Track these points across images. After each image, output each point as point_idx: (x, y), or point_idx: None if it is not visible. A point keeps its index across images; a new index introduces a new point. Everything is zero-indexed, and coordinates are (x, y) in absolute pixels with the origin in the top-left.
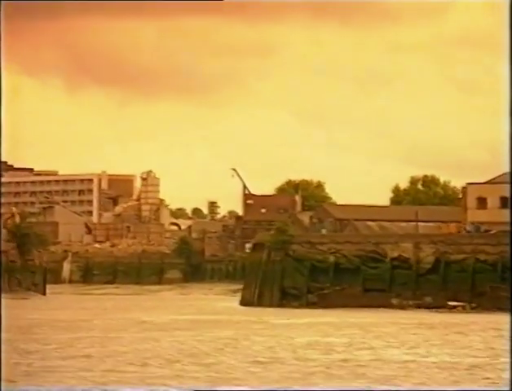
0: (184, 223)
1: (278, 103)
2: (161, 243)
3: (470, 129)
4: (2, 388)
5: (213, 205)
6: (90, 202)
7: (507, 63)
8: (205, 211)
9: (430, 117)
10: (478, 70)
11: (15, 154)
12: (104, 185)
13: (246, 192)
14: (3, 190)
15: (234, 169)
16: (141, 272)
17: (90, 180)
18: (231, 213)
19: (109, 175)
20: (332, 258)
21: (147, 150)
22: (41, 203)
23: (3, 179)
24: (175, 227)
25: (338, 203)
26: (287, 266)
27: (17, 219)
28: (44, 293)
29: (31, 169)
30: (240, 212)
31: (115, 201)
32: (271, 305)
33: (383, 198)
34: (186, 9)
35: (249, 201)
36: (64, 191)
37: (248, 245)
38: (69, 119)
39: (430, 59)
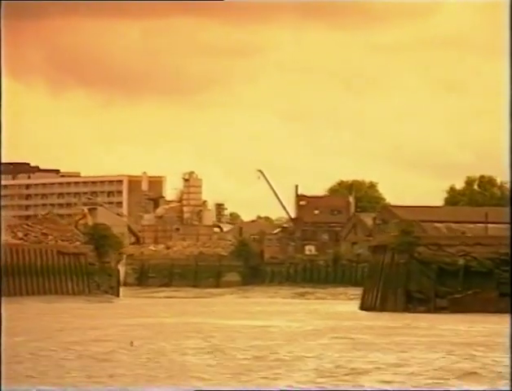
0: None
1: (263, 104)
2: (218, 245)
3: (455, 130)
4: (3, 388)
5: (220, 207)
6: (119, 203)
7: (507, 64)
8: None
9: (415, 118)
10: (463, 71)
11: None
12: (145, 186)
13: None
14: (30, 191)
15: (260, 171)
16: (198, 275)
17: (120, 181)
18: (265, 218)
19: (133, 177)
20: (461, 261)
21: (132, 152)
22: (84, 204)
23: (30, 181)
24: (217, 229)
25: (392, 204)
26: (412, 269)
27: (89, 220)
28: (118, 296)
29: (57, 171)
30: (282, 213)
31: (155, 203)
32: (395, 310)
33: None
34: (171, 9)
35: (301, 202)
36: (93, 193)
37: (308, 247)
38: (52, 121)
39: (416, 60)
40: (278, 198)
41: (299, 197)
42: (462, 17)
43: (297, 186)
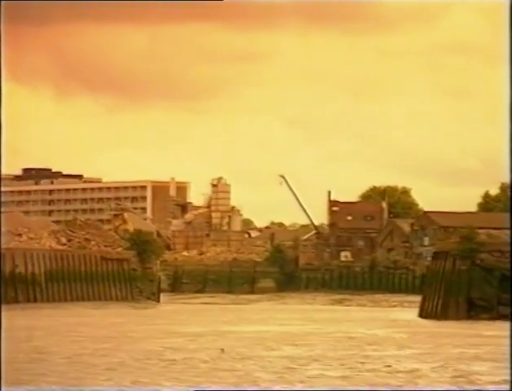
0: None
1: (269, 110)
2: (252, 250)
3: (462, 137)
4: (3, 388)
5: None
6: (143, 209)
7: (507, 64)
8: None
9: (422, 124)
10: (471, 77)
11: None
12: (173, 192)
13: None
14: (53, 197)
15: (282, 176)
16: (232, 281)
17: (144, 187)
18: (278, 224)
19: (157, 182)
20: None
21: (136, 157)
22: (111, 209)
23: (53, 186)
24: (246, 235)
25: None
26: (474, 276)
27: (129, 226)
28: (159, 302)
29: (80, 176)
30: (311, 220)
31: (184, 208)
32: (457, 318)
33: None
34: (178, 15)
35: (334, 208)
36: (116, 199)
37: (343, 253)
38: (58, 126)
39: (424, 66)
40: (300, 204)
41: (332, 203)
42: (472, 22)
43: (329, 192)
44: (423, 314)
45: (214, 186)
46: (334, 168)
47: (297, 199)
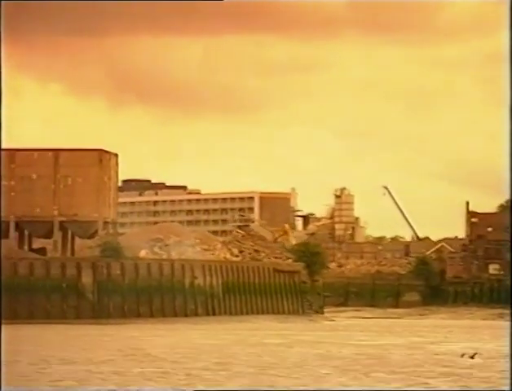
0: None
1: (321, 121)
2: (394, 263)
3: None
4: (3, 388)
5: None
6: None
7: (507, 64)
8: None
9: (476, 136)
10: None
11: None
12: (294, 203)
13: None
14: (158, 208)
15: (385, 187)
16: (375, 294)
17: (251, 198)
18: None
19: (265, 193)
20: None
21: (189, 168)
22: (235, 221)
23: (157, 197)
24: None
25: None
26: None
27: (291, 238)
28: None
29: (184, 187)
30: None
31: (305, 220)
32: None
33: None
34: (232, 26)
35: (473, 219)
36: (223, 210)
37: (492, 266)
38: (110, 137)
39: (479, 77)
40: (404, 215)
41: (470, 214)
42: None
43: (467, 203)
44: None
45: (337, 197)
46: (388, 179)
47: (400, 210)
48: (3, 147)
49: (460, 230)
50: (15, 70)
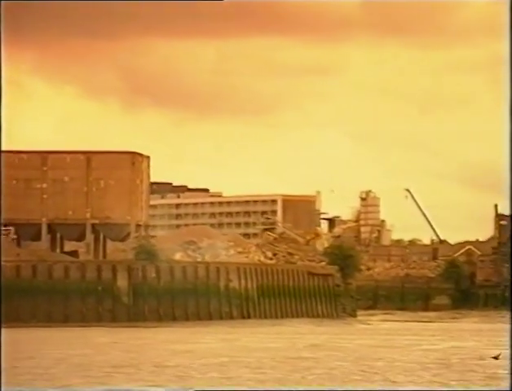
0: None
1: (335, 124)
2: (423, 266)
3: None
4: (3, 388)
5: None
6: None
7: (507, 63)
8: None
9: (487, 139)
10: None
11: None
12: (318, 205)
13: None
14: (180, 211)
15: (407, 190)
16: (404, 297)
17: (274, 201)
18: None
19: (288, 196)
20: None
21: (207, 170)
22: (261, 223)
23: (180, 200)
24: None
25: None
26: None
27: (323, 240)
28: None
29: (207, 190)
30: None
31: (331, 222)
32: None
33: None
34: (246, 29)
35: (502, 222)
36: (246, 213)
37: None
38: (124, 139)
39: (493, 80)
40: (426, 218)
41: (499, 216)
42: None
43: (496, 205)
44: None
45: (362, 199)
46: (404, 182)
47: (422, 213)
48: (4, 149)
49: (480, 234)
50: (31, 74)
